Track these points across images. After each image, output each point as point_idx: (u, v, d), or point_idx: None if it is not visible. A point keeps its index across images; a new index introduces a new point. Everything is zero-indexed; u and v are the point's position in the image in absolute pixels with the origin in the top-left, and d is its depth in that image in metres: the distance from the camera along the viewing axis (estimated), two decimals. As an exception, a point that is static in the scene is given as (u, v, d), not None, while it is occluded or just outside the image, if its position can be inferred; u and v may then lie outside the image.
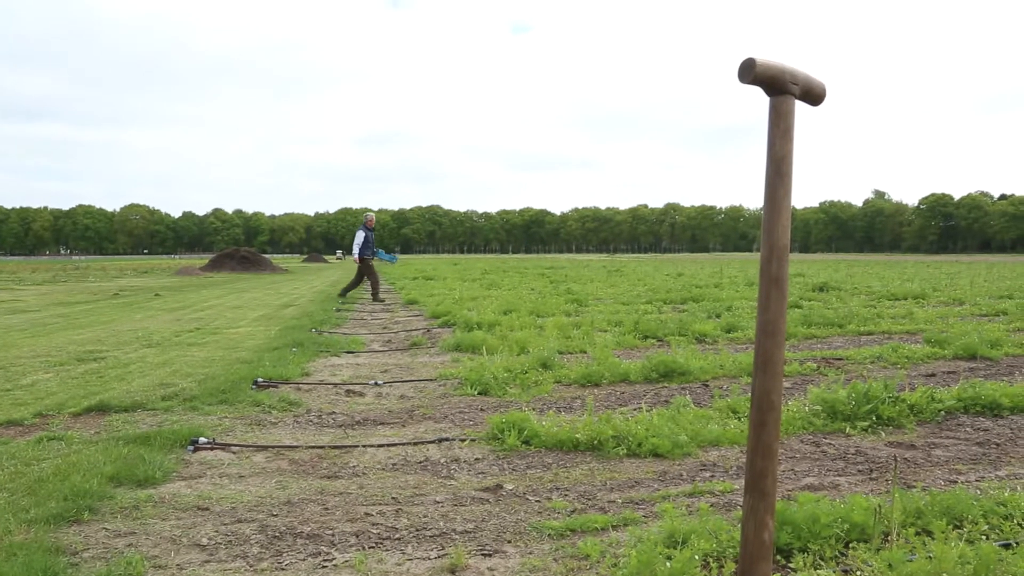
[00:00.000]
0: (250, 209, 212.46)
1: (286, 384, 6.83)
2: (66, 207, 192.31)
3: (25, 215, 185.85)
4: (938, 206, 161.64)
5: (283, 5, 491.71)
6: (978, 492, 3.71)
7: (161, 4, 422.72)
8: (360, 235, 16.68)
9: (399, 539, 3.31)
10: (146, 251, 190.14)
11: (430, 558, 3.10)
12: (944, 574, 2.55)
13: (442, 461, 4.49)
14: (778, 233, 2.01)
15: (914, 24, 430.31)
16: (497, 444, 4.78)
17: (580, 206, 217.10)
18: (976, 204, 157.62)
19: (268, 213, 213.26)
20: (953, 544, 2.76)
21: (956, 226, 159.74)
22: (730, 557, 2.91)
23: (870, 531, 3.03)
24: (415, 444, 4.86)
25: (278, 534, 3.36)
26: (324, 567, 3.02)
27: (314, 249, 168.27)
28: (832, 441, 4.87)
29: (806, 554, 2.94)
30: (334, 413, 5.78)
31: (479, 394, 6.39)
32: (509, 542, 3.26)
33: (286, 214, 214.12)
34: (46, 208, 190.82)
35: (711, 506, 3.61)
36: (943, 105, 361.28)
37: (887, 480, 4.03)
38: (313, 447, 4.77)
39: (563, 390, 6.57)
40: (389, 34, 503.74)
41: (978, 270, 35.34)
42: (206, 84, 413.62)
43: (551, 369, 7.17)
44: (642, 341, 9.55)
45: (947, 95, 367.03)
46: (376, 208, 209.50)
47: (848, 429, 5.07)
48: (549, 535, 3.32)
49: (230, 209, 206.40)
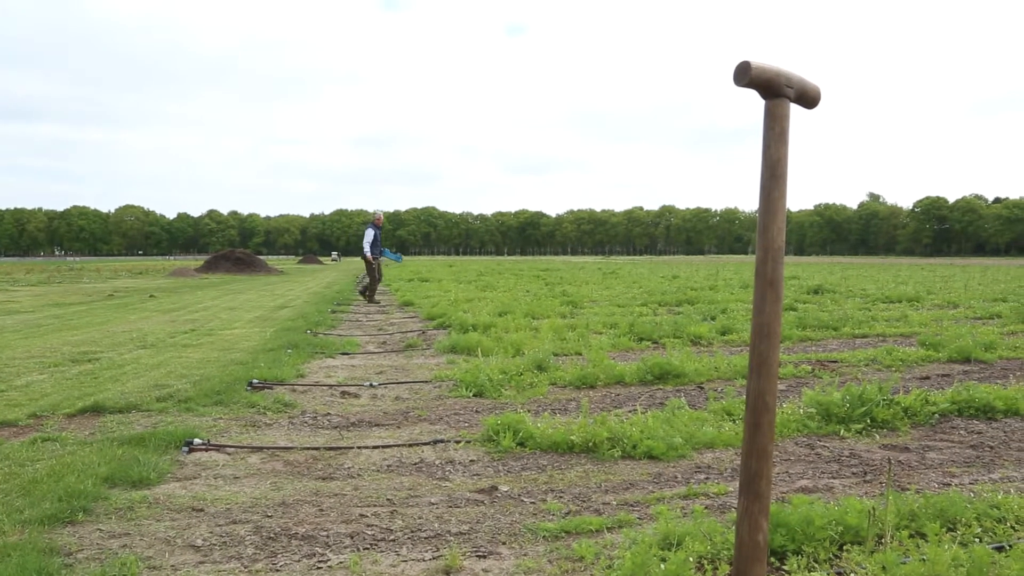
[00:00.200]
0: (245, 210, 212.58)
1: (281, 385, 6.82)
2: (61, 208, 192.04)
3: (19, 216, 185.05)
4: (933, 209, 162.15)
5: (278, 6, 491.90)
6: (972, 495, 3.72)
7: (158, 4, 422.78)
8: (369, 233, 16.64)
9: (394, 540, 3.31)
10: (141, 252, 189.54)
11: (425, 559, 3.10)
12: (937, 576, 2.56)
13: (437, 463, 4.49)
14: (773, 235, 2.01)
15: (908, 27, 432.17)
16: (492, 446, 4.78)
17: (575, 208, 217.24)
18: (970, 207, 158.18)
19: (263, 214, 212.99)
20: (947, 547, 2.77)
21: (950, 229, 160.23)
22: (724, 559, 2.91)
23: (864, 533, 3.04)
24: (410, 446, 4.86)
25: (273, 535, 3.36)
26: (319, 568, 3.02)
27: (309, 251, 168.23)
28: (826, 443, 4.88)
29: (800, 556, 2.95)
30: (329, 415, 5.77)
31: (474, 396, 6.39)
32: (504, 544, 3.27)
33: (281, 215, 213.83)
34: (40, 209, 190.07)
35: (706, 508, 3.62)
36: (938, 108, 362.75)
37: (881, 483, 4.04)
38: (308, 448, 4.76)
39: (558, 392, 6.58)
40: (384, 36, 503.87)
41: (972, 273, 35.45)
42: (202, 85, 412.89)
43: (546, 371, 7.17)
44: (637, 343, 9.56)
45: (941, 98, 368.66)
46: (371, 210, 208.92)
47: (842, 432, 5.08)
48: (544, 537, 3.33)
49: (225, 210, 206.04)
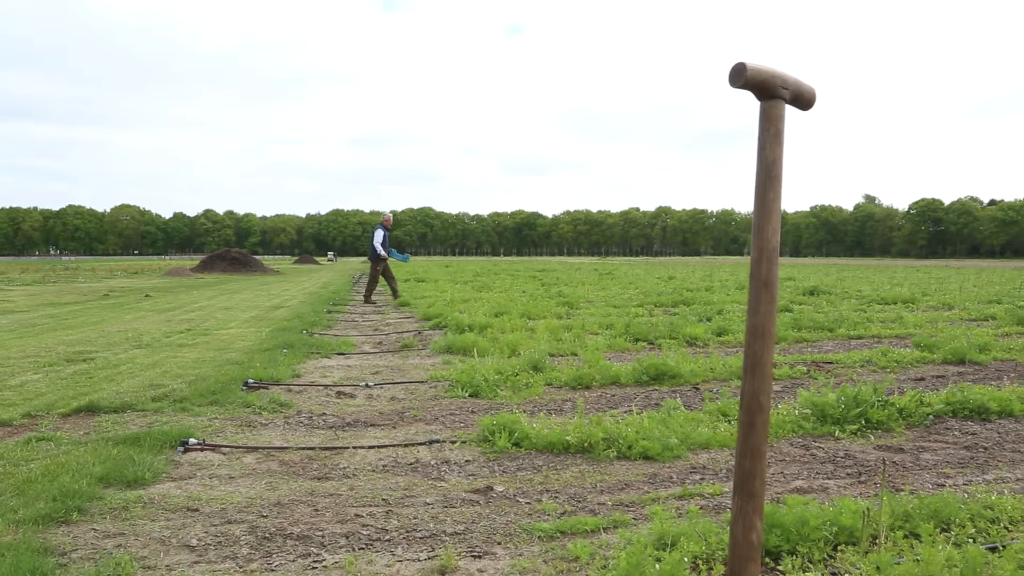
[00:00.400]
0: (241, 210, 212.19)
1: (277, 385, 6.81)
2: (56, 207, 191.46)
3: (15, 215, 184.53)
4: (928, 211, 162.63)
5: (277, 6, 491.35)
6: (965, 496, 3.73)
7: (155, 4, 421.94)
8: (379, 234, 16.68)
9: (389, 540, 3.30)
10: (136, 252, 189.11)
11: (420, 559, 3.10)
12: (931, 576, 2.56)
13: (432, 463, 4.49)
14: (768, 236, 2.02)
15: (904, 29, 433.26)
16: (487, 446, 4.78)
17: (572, 208, 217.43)
18: (966, 209, 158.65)
19: (259, 214, 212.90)
20: (940, 547, 2.78)
21: (946, 231, 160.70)
22: (719, 559, 2.92)
23: (858, 534, 3.05)
24: (405, 446, 4.85)
25: (268, 535, 3.35)
26: (314, 568, 3.02)
27: (305, 251, 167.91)
28: (821, 444, 4.89)
29: (795, 556, 2.96)
30: (324, 415, 5.76)
31: (470, 396, 6.39)
32: (499, 544, 3.27)
33: (277, 215, 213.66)
34: (36, 208, 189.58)
35: (701, 508, 3.63)
36: (933, 111, 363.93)
37: (876, 483, 4.05)
38: (303, 448, 4.76)
39: (554, 392, 6.58)
40: (382, 36, 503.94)
41: (967, 275, 35.55)
42: (198, 85, 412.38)
43: (542, 371, 7.17)
44: (633, 344, 9.57)
45: (937, 101, 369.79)
46: (367, 210, 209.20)
47: (837, 432, 5.09)
48: (539, 537, 3.33)
49: (221, 210, 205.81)
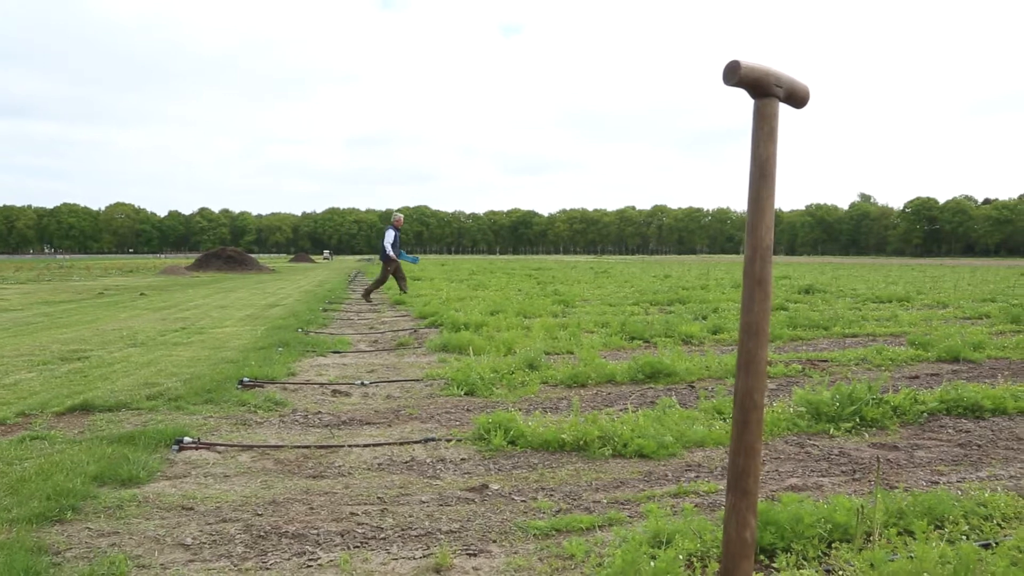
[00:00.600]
0: (237, 209, 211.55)
1: (272, 384, 6.80)
2: (51, 205, 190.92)
3: (9, 213, 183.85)
4: (923, 210, 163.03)
5: (276, 6, 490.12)
6: (959, 493, 3.75)
7: (155, 4, 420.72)
8: (391, 234, 16.70)
9: (384, 539, 3.30)
10: (131, 250, 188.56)
11: (415, 558, 3.10)
12: (925, 574, 2.57)
13: (428, 461, 4.49)
14: (761, 233, 2.02)
15: (900, 28, 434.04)
16: (483, 444, 4.78)
17: (568, 207, 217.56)
18: (960, 208, 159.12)
19: (255, 213, 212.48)
20: (934, 544, 2.79)
21: (940, 230, 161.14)
22: (714, 557, 2.92)
23: (853, 531, 3.05)
24: (401, 444, 4.85)
25: (263, 534, 3.35)
26: (309, 567, 3.01)
27: (301, 249, 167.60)
28: (816, 442, 4.90)
29: (789, 554, 2.96)
30: (320, 413, 5.76)
31: (465, 394, 6.39)
32: (494, 542, 3.27)
33: (273, 214, 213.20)
34: (30, 207, 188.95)
35: (696, 506, 3.63)
36: (928, 110, 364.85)
37: (870, 481, 4.06)
38: (299, 447, 4.75)
39: (549, 391, 6.58)
40: (379, 35, 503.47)
41: (962, 273, 35.65)
42: (195, 83, 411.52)
43: (537, 370, 7.18)
44: (629, 342, 9.57)
45: (932, 100, 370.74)
46: (363, 209, 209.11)
47: (832, 430, 5.10)
48: (534, 535, 3.33)
49: (217, 208, 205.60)
